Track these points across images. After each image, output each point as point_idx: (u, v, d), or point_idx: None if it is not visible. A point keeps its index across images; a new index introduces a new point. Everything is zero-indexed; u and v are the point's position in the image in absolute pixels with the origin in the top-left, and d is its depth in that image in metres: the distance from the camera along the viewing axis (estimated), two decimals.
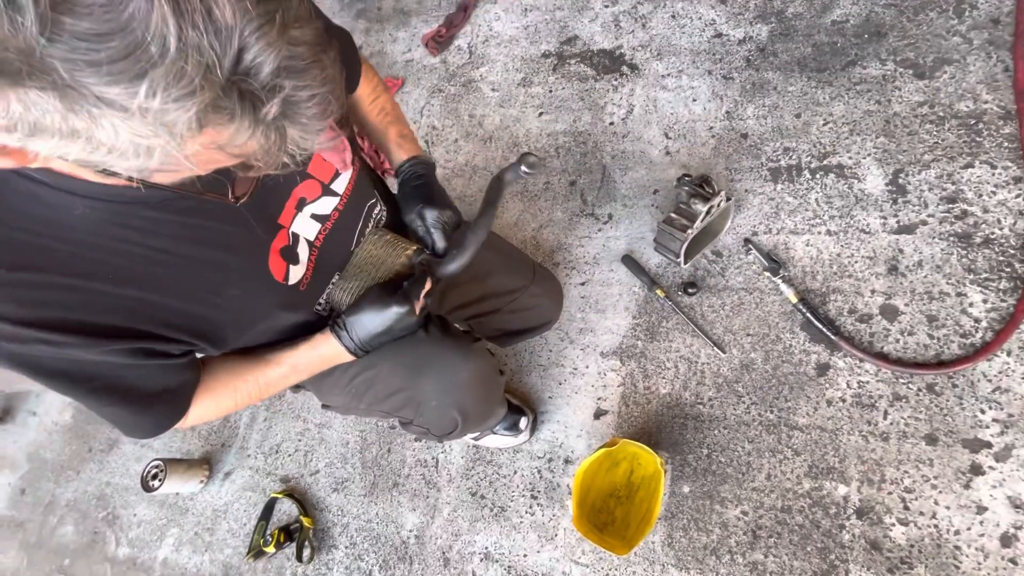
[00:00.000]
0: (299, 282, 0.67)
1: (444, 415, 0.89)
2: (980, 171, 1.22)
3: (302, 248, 0.67)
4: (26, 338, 0.47)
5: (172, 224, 0.53)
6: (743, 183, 1.39)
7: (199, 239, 0.55)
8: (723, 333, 1.27)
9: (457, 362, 0.85)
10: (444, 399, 0.86)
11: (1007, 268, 1.14)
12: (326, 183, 0.68)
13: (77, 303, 0.49)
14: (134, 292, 0.52)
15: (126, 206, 0.49)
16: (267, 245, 0.62)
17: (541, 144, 1.64)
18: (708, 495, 1.16)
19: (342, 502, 1.41)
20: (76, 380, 0.53)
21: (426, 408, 0.87)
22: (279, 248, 0.63)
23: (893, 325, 1.17)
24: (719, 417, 1.20)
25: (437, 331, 0.87)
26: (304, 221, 0.66)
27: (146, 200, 0.50)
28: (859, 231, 1.26)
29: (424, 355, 0.84)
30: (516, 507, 1.27)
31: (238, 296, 0.60)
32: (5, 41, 0.26)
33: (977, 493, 1.02)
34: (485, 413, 1.00)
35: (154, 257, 0.52)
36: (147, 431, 0.62)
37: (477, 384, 0.89)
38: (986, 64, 1.30)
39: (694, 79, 1.55)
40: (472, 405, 0.91)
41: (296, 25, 0.33)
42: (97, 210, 0.48)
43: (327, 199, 0.68)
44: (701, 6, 1.64)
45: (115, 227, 0.49)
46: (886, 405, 1.12)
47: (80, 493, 1.72)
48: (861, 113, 1.36)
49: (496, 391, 0.99)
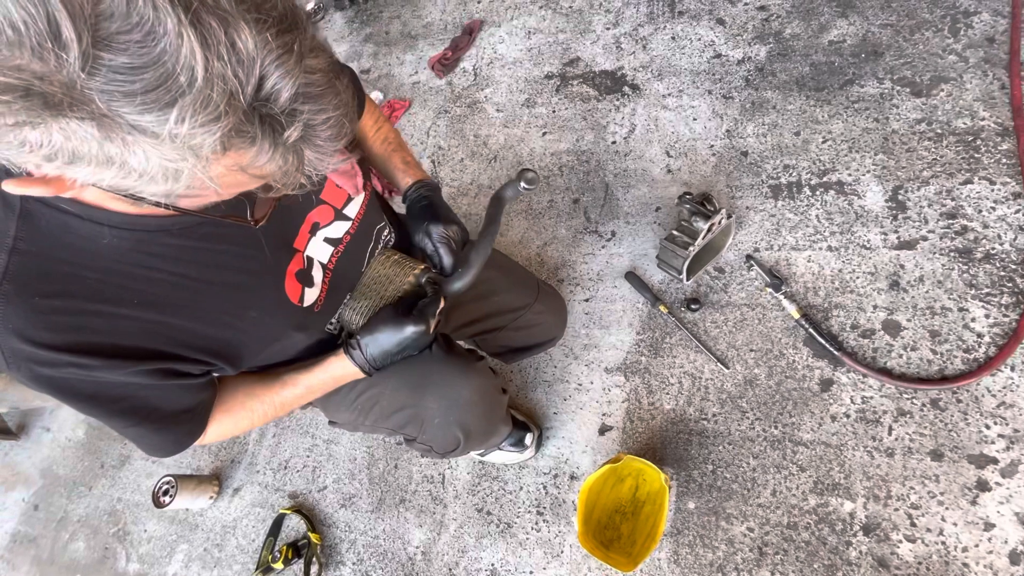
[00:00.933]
0: (313, 304, 0.70)
1: (447, 433, 0.90)
2: (979, 187, 1.24)
3: (316, 271, 0.69)
4: (59, 363, 0.50)
5: (193, 250, 0.55)
6: (744, 200, 1.41)
7: (219, 264, 0.58)
8: (726, 349, 1.28)
9: (459, 380, 0.87)
10: (446, 417, 0.88)
11: (1008, 283, 1.15)
12: (339, 208, 0.71)
13: (105, 328, 0.52)
14: (157, 316, 0.54)
15: (149, 234, 0.52)
16: (283, 268, 0.65)
17: (545, 163, 1.68)
18: (713, 511, 1.16)
19: (349, 518, 1.42)
20: (103, 401, 0.56)
21: (429, 425, 0.89)
22: (295, 271, 0.66)
23: (896, 340, 1.17)
24: (723, 433, 1.21)
25: (441, 349, 0.89)
26: (318, 245, 0.69)
27: (168, 228, 0.53)
28: (860, 247, 1.27)
29: (427, 373, 0.86)
30: (522, 523, 1.27)
31: (256, 318, 0.62)
32: (50, 76, 0.29)
33: (984, 509, 1.02)
34: (488, 431, 1.01)
35: (176, 282, 0.55)
36: (167, 449, 0.65)
37: (479, 402, 0.90)
38: (982, 82, 1.32)
39: (694, 99, 1.59)
40: (474, 423, 0.92)
41: (312, 55, 0.36)
42: (123, 239, 0.51)
43: (339, 223, 0.71)
44: (700, 28, 1.68)
45: (139, 254, 0.52)
46: (890, 421, 1.12)
47: (92, 509, 1.74)
48: (859, 131, 1.38)
49: (499, 409, 1.01)
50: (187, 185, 0.37)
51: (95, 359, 0.51)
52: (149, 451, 0.65)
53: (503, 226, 1.61)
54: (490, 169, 1.74)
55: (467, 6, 2.11)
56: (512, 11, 2.00)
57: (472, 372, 0.89)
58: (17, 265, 0.47)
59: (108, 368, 0.52)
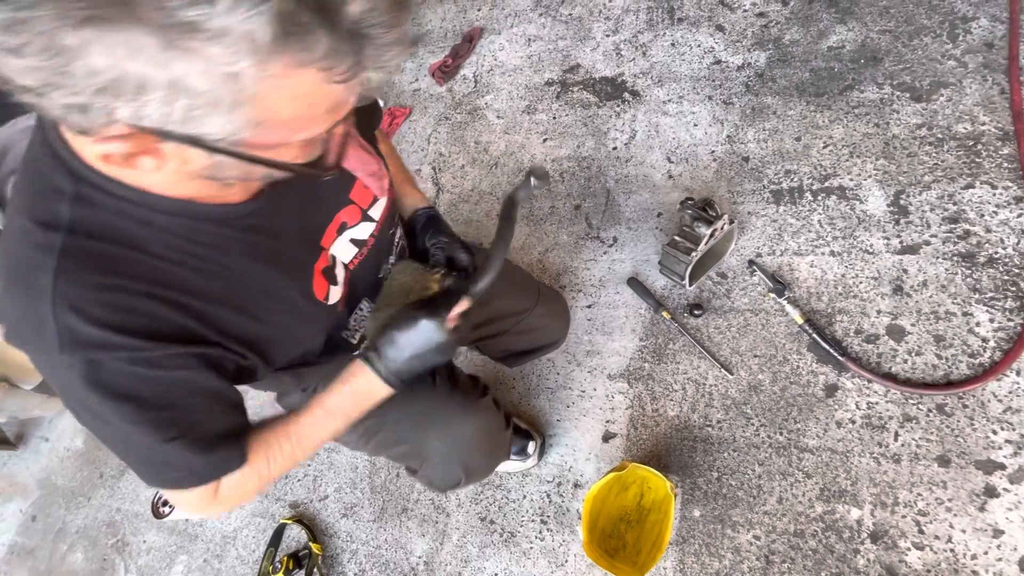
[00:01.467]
0: (337, 303, 0.69)
1: (449, 471, 0.90)
2: (981, 191, 1.24)
3: (339, 269, 0.69)
4: (112, 345, 0.48)
5: (234, 240, 0.55)
6: (746, 205, 1.41)
7: (255, 255, 0.57)
8: (730, 355, 1.27)
9: (463, 419, 0.86)
10: (449, 455, 0.87)
11: (1012, 287, 1.14)
12: (365, 208, 0.70)
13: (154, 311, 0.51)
14: (200, 304, 0.54)
15: (197, 222, 0.52)
16: (312, 264, 0.64)
17: (546, 169, 1.67)
18: (719, 519, 1.15)
19: (351, 528, 1.41)
20: (147, 406, 0.52)
21: (431, 463, 0.88)
22: (321, 268, 0.65)
23: (900, 345, 1.17)
24: (728, 439, 1.20)
25: (445, 384, 0.88)
26: (343, 245, 0.68)
27: (215, 217, 0.53)
28: (863, 252, 1.27)
29: (430, 409, 0.85)
30: (526, 532, 1.26)
31: (284, 311, 0.61)
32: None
33: (993, 516, 1.01)
34: (489, 467, 1.01)
35: (217, 271, 0.54)
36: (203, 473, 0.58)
37: (483, 441, 0.90)
38: (982, 87, 1.33)
39: (695, 104, 1.59)
40: (477, 461, 0.92)
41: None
42: (172, 225, 0.50)
43: (365, 224, 0.70)
44: (700, 34, 1.69)
45: (187, 242, 0.52)
46: (896, 426, 1.11)
47: (90, 520, 1.72)
48: (860, 136, 1.38)
49: (501, 446, 1.00)
50: (252, 117, 0.37)
51: (146, 341, 0.49)
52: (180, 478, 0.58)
53: None
54: (491, 176, 1.74)
55: (467, 14, 2.12)
56: (512, 19, 2.01)
57: (476, 410, 0.88)
58: (73, 245, 0.47)
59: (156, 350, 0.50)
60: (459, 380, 0.93)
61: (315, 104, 0.40)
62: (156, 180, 0.48)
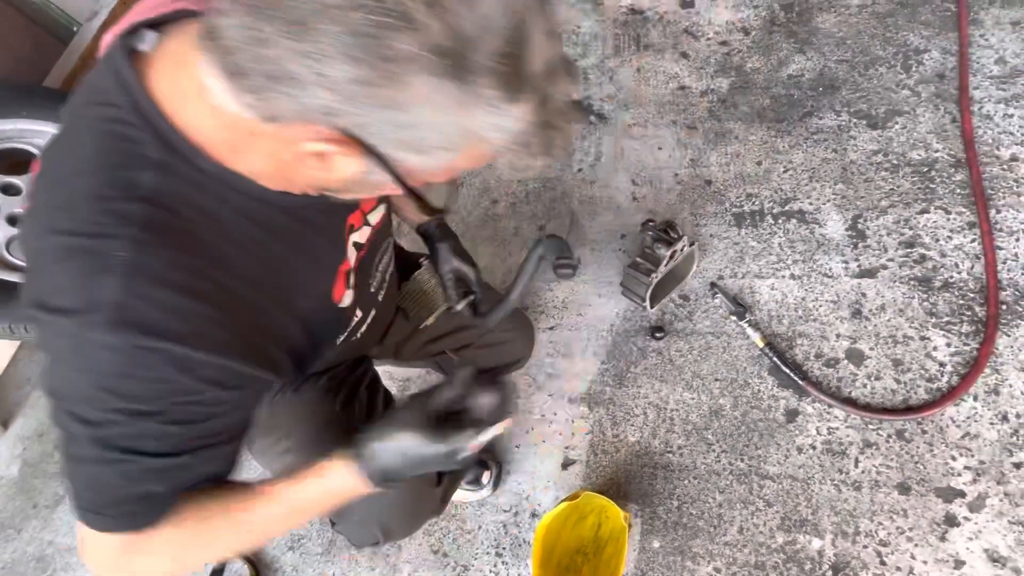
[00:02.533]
0: (349, 306, 0.66)
1: (365, 531, 0.82)
2: (935, 216, 1.25)
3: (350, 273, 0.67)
4: (189, 313, 0.44)
5: (291, 231, 0.53)
6: (708, 228, 1.40)
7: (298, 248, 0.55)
8: (691, 378, 1.25)
9: None
10: (367, 515, 0.79)
11: (968, 311, 1.14)
12: (366, 212, 0.68)
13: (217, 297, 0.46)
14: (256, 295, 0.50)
15: (267, 207, 0.49)
16: (338, 264, 0.63)
17: (512, 189, 1.66)
18: (679, 550, 1.10)
19: (297, 562, 1.32)
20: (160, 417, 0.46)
21: (348, 520, 0.81)
22: (344, 270, 0.63)
23: (860, 369, 1.15)
24: (689, 466, 1.16)
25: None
26: (349, 248, 0.66)
27: (286, 204, 0.50)
28: (822, 275, 1.26)
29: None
30: (480, 566, 1.20)
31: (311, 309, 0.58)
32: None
33: (954, 546, 0.98)
34: (413, 527, 0.92)
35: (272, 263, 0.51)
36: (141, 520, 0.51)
37: (405, 502, 0.82)
38: (935, 115, 1.36)
39: (659, 128, 1.60)
40: (396, 523, 0.84)
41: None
42: (243, 207, 0.47)
43: (365, 229, 0.69)
44: (665, 61, 1.71)
45: (254, 227, 0.49)
46: (857, 452, 1.09)
47: (19, 554, 1.60)
48: (819, 161, 1.40)
49: (428, 504, 0.89)
50: (450, 164, 0.42)
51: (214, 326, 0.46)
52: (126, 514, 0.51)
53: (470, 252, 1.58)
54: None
55: None
56: None
57: None
58: (154, 218, 0.43)
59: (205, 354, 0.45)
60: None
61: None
62: (249, 164, 0.46)
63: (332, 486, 0.56)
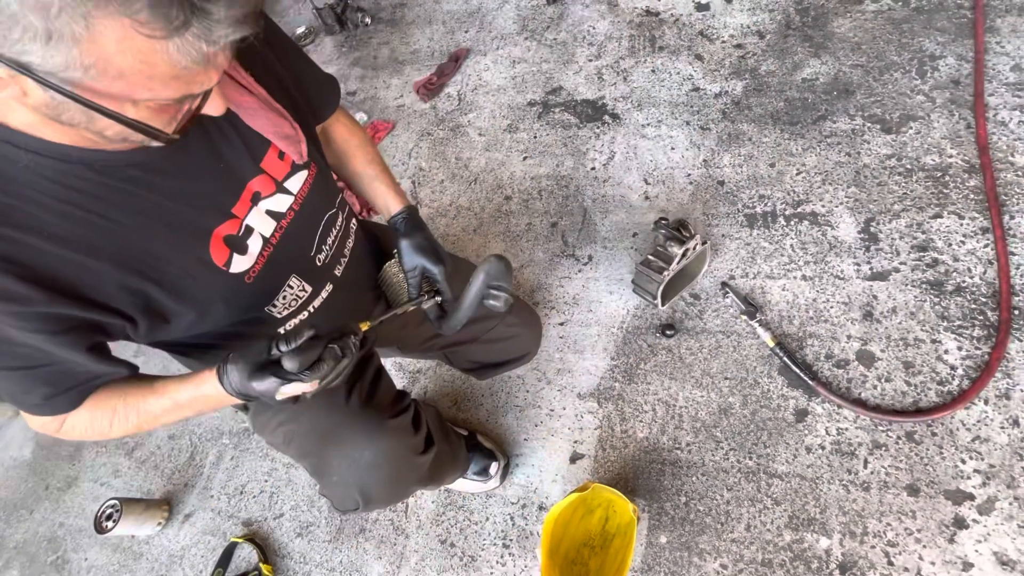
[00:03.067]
0: (244, 273, 0.66)
1: (345, 493, 0.83)
2: (948, 221, 1.25)
3: (254, 240, 0.66)
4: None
5: (113, 190, 0.53)
6: (720, 228, 1.41)
7: (138, 209, 0.55)
8: (701, 376, 1.25)
9: (364, 440, 0.80)
10: (345, 477, 0.81)
11: (980, 316, 1.15)
12: (280, 180, 0.68)
13: (21, 256, 0.48)
14: (70, 254, 0.51)
15: (69, 165, 0.49)
16: (210, 228, 0.62)
17: (525, 187, 1.68)
18: (686, 546, 1.11)
19: (305, 548, 1.34)
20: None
21: (328, 481, 0.83)
22: (223, 235, 0.63)
23: (870, 371, 1.16)
24: (697, 463, 1.17)
25: (357, 400, 0.83)
26: (259, 216, 0.67)
27: (90, 162, 0.50)
28: (834, 277, 1.27)
29: (335, 425, 0.80)
30: (487, 557, 1.21)
31: (177, 275, 0.59)
32: None
33: (962, 548, 0.98)
34: (395, 495, 0.92)
35: (92, 221, 0.52)
36: (32, 405, 0.61)
37: (384, 465, 0.83)
38: (949, 121, 1.36)
39: (673, 129, 1.61)
40: (377, 488, 0.84)
41: None
42: (41, 166, 0.48)
43: (281, 196, 0.69)
44: (679, 62, 1.72)
45: (57, 186, 0.49)
46: (866, 453, 1.09)
47: (31, 534, 1.62)
48: (832, 164, 1.40)
49: (411, 473, 0.90)
50: (78, 58, 0.37)
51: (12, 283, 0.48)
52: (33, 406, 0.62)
53: (482, 247, 1.59)
54: (470, 191, 1.74)
55: (455, 35, 2.15)
56: (498, 41, 2.05)
57: (381, 432, 0.82)
58: None
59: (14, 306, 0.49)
60: (377, 395, 0.88)
61: (151, 63, 0.40)
62: (21, 119, 0.46)
63: (207, 392, 0.65)
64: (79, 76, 0.39)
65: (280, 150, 0.67)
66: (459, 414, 1.39)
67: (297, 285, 0.74)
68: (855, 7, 1.62)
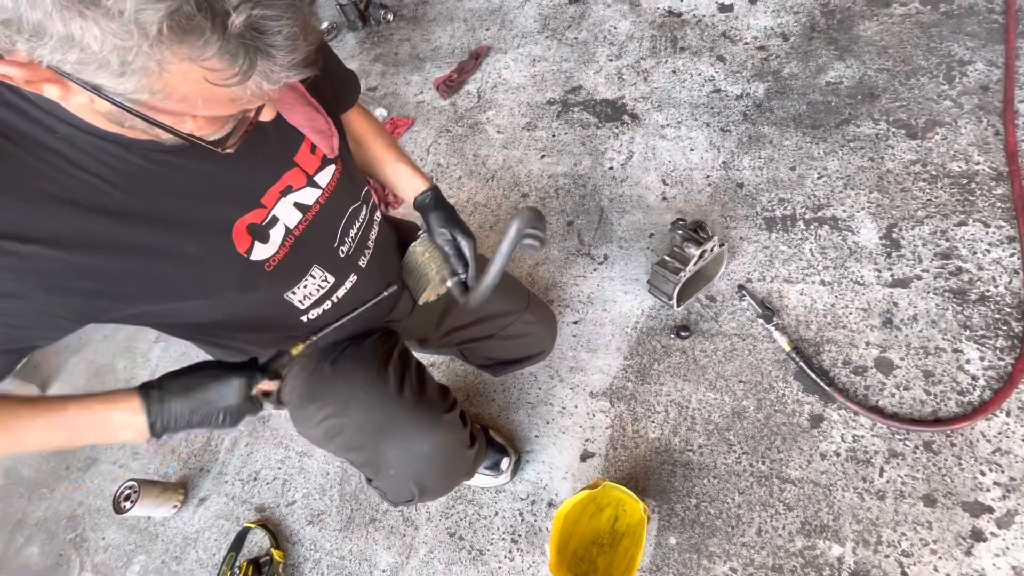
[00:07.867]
0: (265, 261, 0.66)
1: (401, 485, 0.86)
2: (974, 229, 1.23)
3: (277, 230, 0.67)
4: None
5: (145, 171, 0.54)
6: (738, 231, 1.40)
7: (165, 192, 0.56)
8: (715, 378, 1.24)
9: (422, 434, 0.83)
10: (403, 469, 0.84)
11: (1004, 326, 1.12)
12: (311, 174, 0.69)
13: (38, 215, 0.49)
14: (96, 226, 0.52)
15: (105, 142, 0.51)
16: (235, 217, 0.63)
17: (542, 185, 1.68)
18: (696, 548, 1.10)
19: (316, 536, 1.36)
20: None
21: (384, 474, 0.85)
22: (247, 223, 0.64)
23: (888, 379, 1.14)
24: (709, 466, 1.16)
25: (412, 393, 0.85)
26: (287, 207, 0.67)
27: (127, 143, 0.51)
28: (853, 283, 1.25)
29: (391, 418, 0.82)
30: (495, 551, 1.21)
31: (195, 256, 0.60)
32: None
33: (979, 561, 0.97)
34: (446, 487, 0.96)
35: (119, 197, 0.53)
36: None
37: (440, 459, 0.86)
38: (977, 127, 1.34)
39: (692, 130, 1.60)
40: (432, 479, 0.88)
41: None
42: (76, 138, 0.49)
43: (310, 190, 0.70)
44: (701, 63, 1.71)
45: (89, 158, 0.51)
46: (882, 462, 1.07)
47: (51, 512, 1.66)
48: (855, 169, 1.38)
49: (461, 465, 0.95)
50: (147, 86, 0.39)
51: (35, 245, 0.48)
52: None
53: (498, 244, 1.60)
54: (487, 188, 1.75)
55: (475, 33, 2.16)
56: (519, 39, 2.05)
57: (437, 426, 0.85)
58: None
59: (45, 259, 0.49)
60: (427, 390, 0.90)
61: (213, 90, 0.41)
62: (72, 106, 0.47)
63: (113, 420, 0.60)
64: (146, 98, 0.41)
65: (312, 144, 0.69)
66: (471, 409, 1.40)
67: (319, 276, 0.75)
68: (882, 10, 1.59)
